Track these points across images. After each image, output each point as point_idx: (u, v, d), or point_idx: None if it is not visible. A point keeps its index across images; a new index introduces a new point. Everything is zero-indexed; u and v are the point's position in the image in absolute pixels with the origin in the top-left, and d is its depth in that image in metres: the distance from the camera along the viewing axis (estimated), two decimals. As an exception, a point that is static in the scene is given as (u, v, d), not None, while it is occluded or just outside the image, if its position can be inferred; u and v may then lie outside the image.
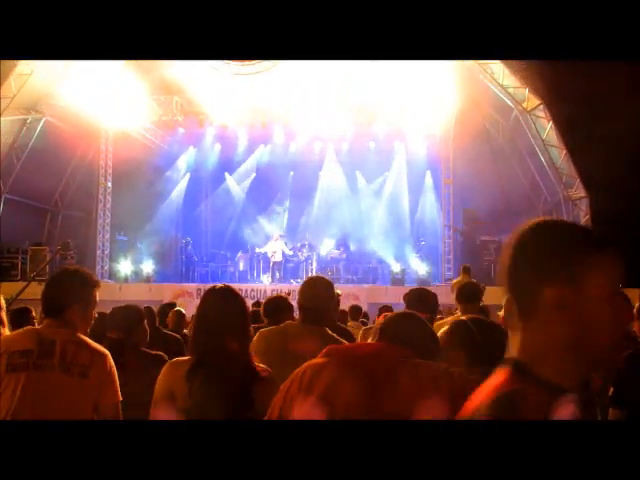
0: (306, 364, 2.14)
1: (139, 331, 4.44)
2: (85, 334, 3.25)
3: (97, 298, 3.31)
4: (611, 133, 15.59)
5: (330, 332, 3.98)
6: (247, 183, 22.54)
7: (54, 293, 3.23)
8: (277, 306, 5.06)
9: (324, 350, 2.20)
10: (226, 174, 22.61)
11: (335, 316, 5.03)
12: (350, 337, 4.90)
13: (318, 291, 4.00)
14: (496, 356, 2.66)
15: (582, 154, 16.99)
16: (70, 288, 3.22)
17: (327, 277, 4.49)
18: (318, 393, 1.99)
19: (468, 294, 5.69)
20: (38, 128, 19.11)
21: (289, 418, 2.04)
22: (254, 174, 22.41)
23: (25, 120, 18.94)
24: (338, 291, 4.22)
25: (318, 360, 2.13)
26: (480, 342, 2.45)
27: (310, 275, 16.75)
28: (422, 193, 21.20)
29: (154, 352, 4.42)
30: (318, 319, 3.93)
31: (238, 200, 22.52)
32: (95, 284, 3.34)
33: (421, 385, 1.94)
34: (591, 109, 15.65)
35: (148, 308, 5.96)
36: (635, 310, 4.18)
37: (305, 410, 1.99)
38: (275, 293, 10.11)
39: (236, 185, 22.56)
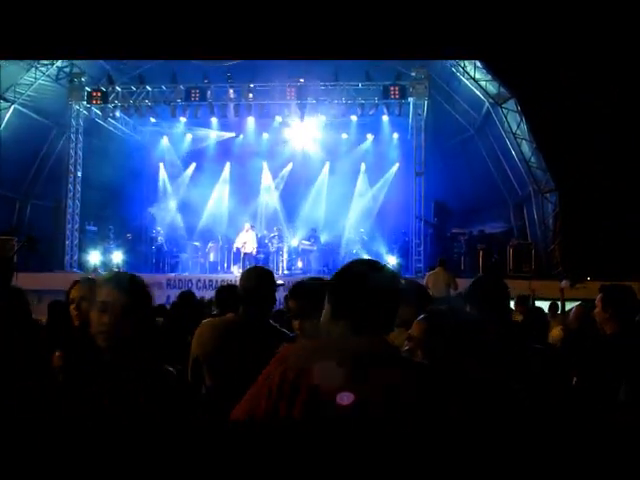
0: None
1: None
2: None
3: None
4: (582, 128, 15.75)
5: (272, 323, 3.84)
6: (220, 173, 22.42)
7: None
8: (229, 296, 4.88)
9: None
10: (194, 164, 22.53)
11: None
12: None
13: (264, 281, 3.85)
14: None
15: (553, 148, 17.11)
16: None
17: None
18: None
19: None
20: (7, 116, 18.80)
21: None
22: (228, 163, 22.32)
23: (-7, 108, 18.64)
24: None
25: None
26: None
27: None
28: (393, 184, 21.25)
29: None
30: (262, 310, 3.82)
31: (209, 190, 22.35)
32: None
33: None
34: (563, 104, 15.76)
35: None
36: (598, 300, 4.20)
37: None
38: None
39: (208, 174, 22.40)
